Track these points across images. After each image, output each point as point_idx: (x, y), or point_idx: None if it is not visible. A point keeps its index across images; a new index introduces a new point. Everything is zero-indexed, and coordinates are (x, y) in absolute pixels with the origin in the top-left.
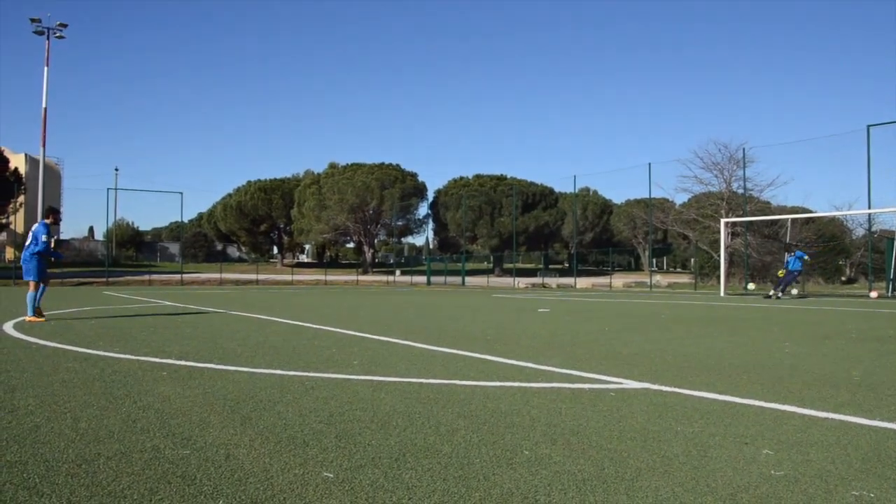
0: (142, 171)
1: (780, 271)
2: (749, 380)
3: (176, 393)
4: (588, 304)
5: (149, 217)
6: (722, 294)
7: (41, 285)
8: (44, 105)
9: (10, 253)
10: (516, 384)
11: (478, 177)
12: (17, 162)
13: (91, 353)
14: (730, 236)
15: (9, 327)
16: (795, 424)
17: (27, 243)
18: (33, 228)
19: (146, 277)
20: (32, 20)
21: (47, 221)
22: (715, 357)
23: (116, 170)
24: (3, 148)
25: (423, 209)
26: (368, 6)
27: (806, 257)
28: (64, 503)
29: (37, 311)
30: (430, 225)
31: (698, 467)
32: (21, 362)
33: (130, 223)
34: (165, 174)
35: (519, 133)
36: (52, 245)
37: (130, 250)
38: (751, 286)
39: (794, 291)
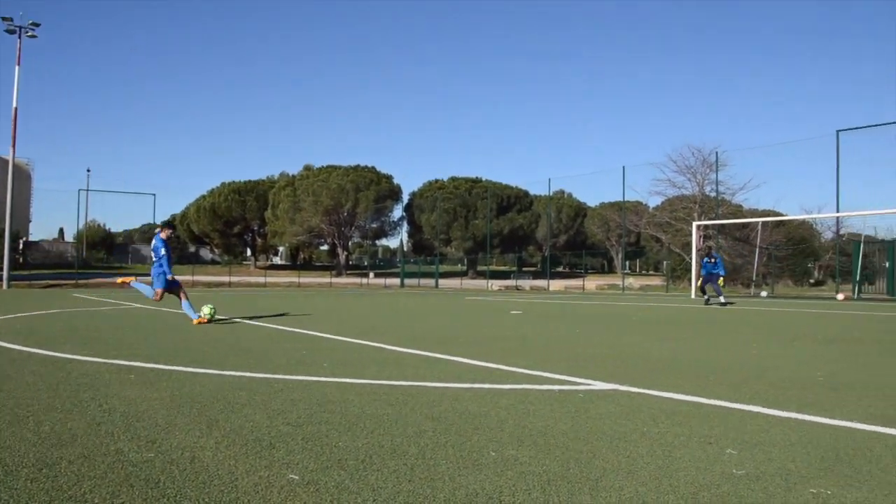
0: (114, 172)
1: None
2: (716, 381)
3: (143, 396)
4: (560, 307)
5: (121, 219)
6: (693, 296)
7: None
8: (14, 105)
9: None
10: (486, 386)
11: (453, 179)
12: None
13: (58, 356)
14: (702, 239)
15: None
16: (759, 424)
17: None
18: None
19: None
20: (3, 19)
21: (163, 236)
22: (684, 358)
23: (88, 171)
24: None
25: (397, 211)
26: (344, 8)
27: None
28: None
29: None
30: (405, 227)
31: (662, 467)
32: None
33: (102, 225)
34: (138, 175)
35: (494, 136)
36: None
37: (101, 252)
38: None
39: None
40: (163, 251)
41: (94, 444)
